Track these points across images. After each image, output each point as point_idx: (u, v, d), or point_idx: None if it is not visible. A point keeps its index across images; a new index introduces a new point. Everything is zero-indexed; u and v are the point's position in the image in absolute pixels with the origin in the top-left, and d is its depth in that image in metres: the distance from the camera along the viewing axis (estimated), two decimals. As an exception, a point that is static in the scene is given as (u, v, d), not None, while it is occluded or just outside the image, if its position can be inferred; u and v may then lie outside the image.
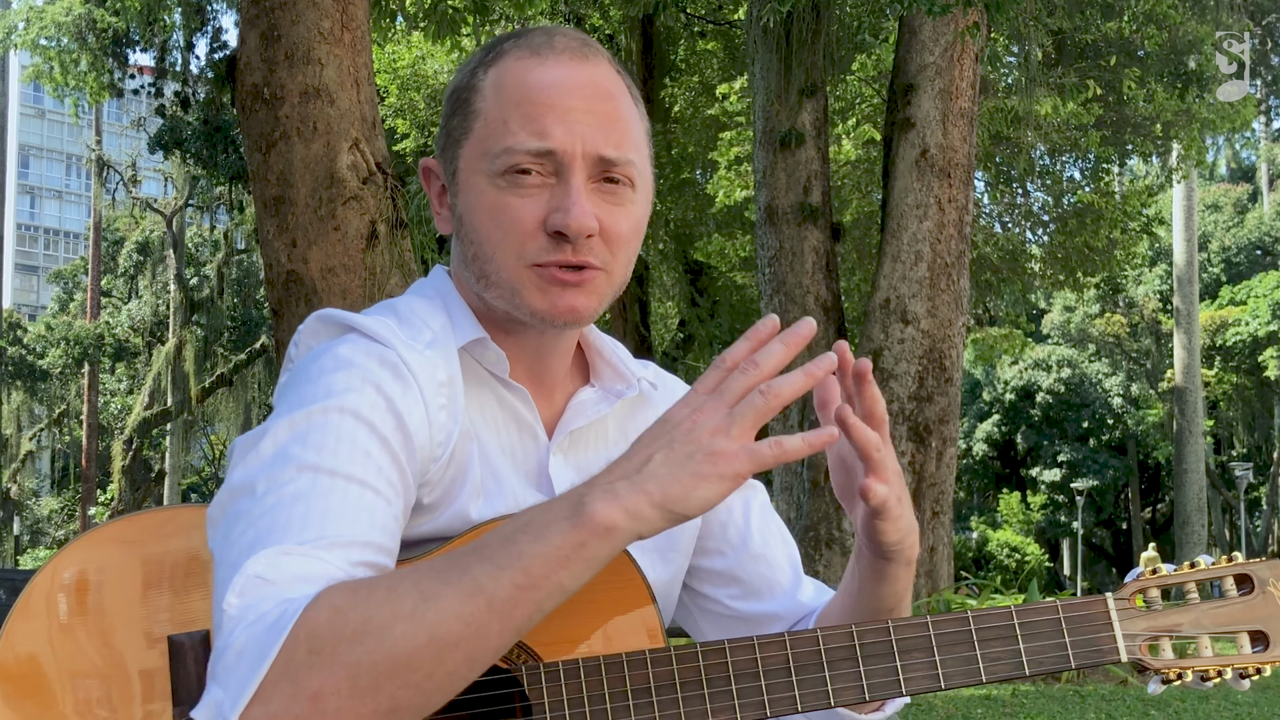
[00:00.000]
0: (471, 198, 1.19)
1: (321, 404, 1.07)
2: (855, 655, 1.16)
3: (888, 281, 10.78)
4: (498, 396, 1.23)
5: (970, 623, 1.19)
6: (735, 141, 15.77)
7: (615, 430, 1.32)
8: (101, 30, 18.54)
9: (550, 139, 1.15)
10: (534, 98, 1.17)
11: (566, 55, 1.20)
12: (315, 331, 1.19)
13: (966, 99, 11.03)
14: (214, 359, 30.16)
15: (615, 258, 1.20)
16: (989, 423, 38.05)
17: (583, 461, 1.28)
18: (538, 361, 1.26)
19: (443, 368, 1.17)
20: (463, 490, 1.17)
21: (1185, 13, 13.70)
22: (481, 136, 1.19)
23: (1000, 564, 30.55)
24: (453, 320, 1.22)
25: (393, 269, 5.09)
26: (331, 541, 0.98)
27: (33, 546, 41.13)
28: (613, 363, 1.32)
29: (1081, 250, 16.88)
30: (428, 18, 11.72)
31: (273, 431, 1.06)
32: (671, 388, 1.40)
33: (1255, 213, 40.42)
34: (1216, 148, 39.95)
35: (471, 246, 1.20)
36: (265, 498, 1.00)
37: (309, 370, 1.12)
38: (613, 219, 1.18)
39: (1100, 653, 1.20)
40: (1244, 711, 7.52)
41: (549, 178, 1.16)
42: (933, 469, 10.68)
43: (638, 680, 1.12)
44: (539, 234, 1.16)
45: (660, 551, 1.29)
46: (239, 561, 0.96)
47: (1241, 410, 35.67)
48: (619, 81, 1.23)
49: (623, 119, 1.20)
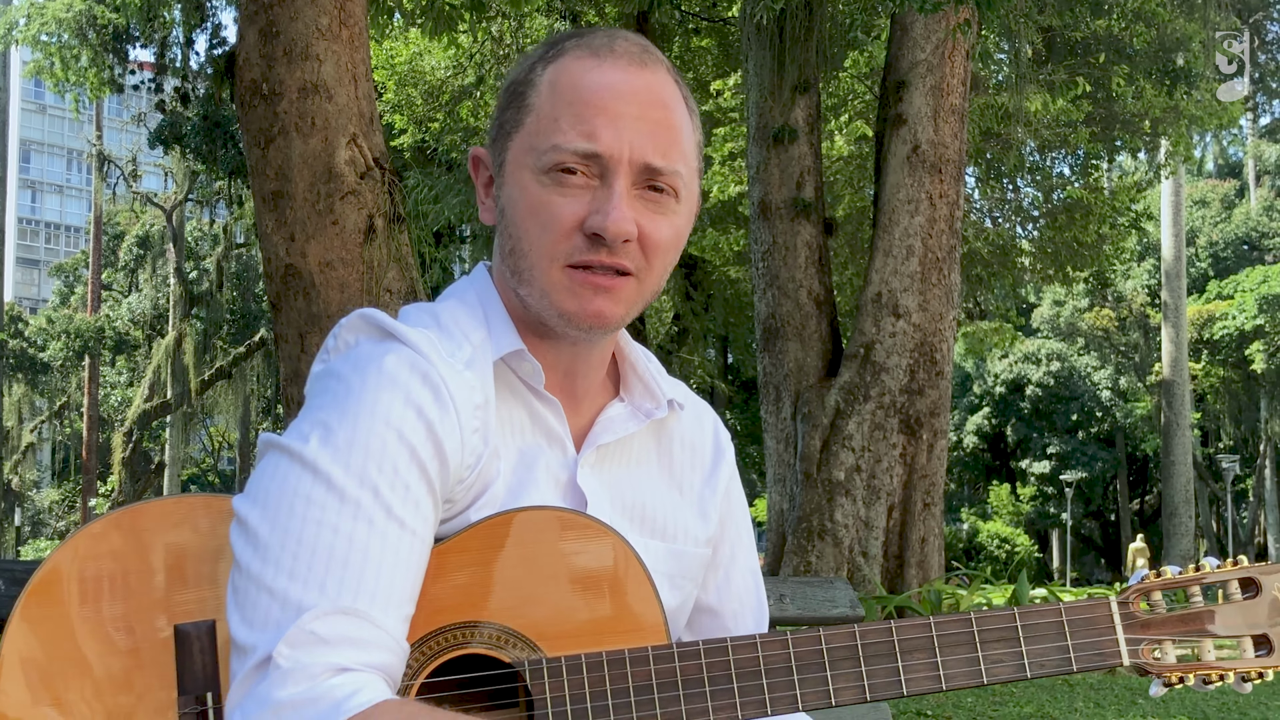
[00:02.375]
0: (515, 192, 1.19)
1: (367, 421, 1.07)
2: (857, 655, 1.15)
3: (879, 276, 10.83)
4: (529, 408, 1.23)
5: (973, 624, 1.17)
6: (729, 137, 15.73)
7: (640, 449, 1.31)
8: (102, 26, 18.52)
9: (598, 141, 1.15)
10: (587, 99, 1.17)
11: (625, 60, 1.19)
12: (356, 328, 1.18)
13: (957, 95, 11.08)
14: (213, 352, 30.15)
15: (650, 266, 1.19)
16: (979, 415, 38.20)
17: (609, 476, 1.27)
18: (571, 372, 1.26)
19: (479, 390, 1.16)
20: (479, 502, 1.17)
21: (1173, 10, 13.70)
22: (532, 131, 1.19)
23: (990, 555, 30.65)
24: (491, 330, 1.21)
25: (390, 263, 5.09)
26: (375, 599, 1.02)
27: (34, 537, 41.25)
28: (644, 378, 1.31)
29: (1071, 245, 16.90)
30: (425, 14, 11.72)
31: (317, 438, 1.07)
32: (697, 411, 1.38)
33: (1242, 208, 40.58)
34: (1204, 144, 40.08)
35: (510, 240, 1.20)
36: (307, 524, 1.03)
37: (351, 378, 1.12)
38: (653, 226, 1.18)
39: (1103, 656, 1.19)
40: (1231, 702, 7.56)
41: (593, 180, 1.16)
42: (924, 461, 10.74)
43: (640, 677, 1.12)
44: (576, 234, 1.16)
45: (670, 577, 1.28)
46: (291, 597, 1.00)
47: (1228, 403, 35.72)
48: (675, 91, 1.22)
49: (674, 128, 1.20)
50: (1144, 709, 7.12)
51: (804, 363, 11.30)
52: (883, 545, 10.67)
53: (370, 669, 1.01)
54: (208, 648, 1.11)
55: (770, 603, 1.97)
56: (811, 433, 10.85)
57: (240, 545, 1.05)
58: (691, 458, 1.35)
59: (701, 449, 1.37)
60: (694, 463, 1.35)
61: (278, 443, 1.08)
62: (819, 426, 10.82)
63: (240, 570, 1.04)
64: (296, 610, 1.00)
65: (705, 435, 1.38)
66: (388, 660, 1.03)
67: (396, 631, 1.04)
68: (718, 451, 1.38)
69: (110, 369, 38.60)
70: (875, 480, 10.66)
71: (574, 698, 1.10)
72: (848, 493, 10.61)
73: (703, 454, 1.36)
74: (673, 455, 1.33)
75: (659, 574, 1.21)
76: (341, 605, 1.00)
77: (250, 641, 1.00)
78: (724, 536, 1.37)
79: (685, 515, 1.31)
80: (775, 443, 11.48)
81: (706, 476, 1.35)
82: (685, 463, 1.34)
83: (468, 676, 1.13)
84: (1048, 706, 7.08)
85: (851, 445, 10.66)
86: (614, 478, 1.27)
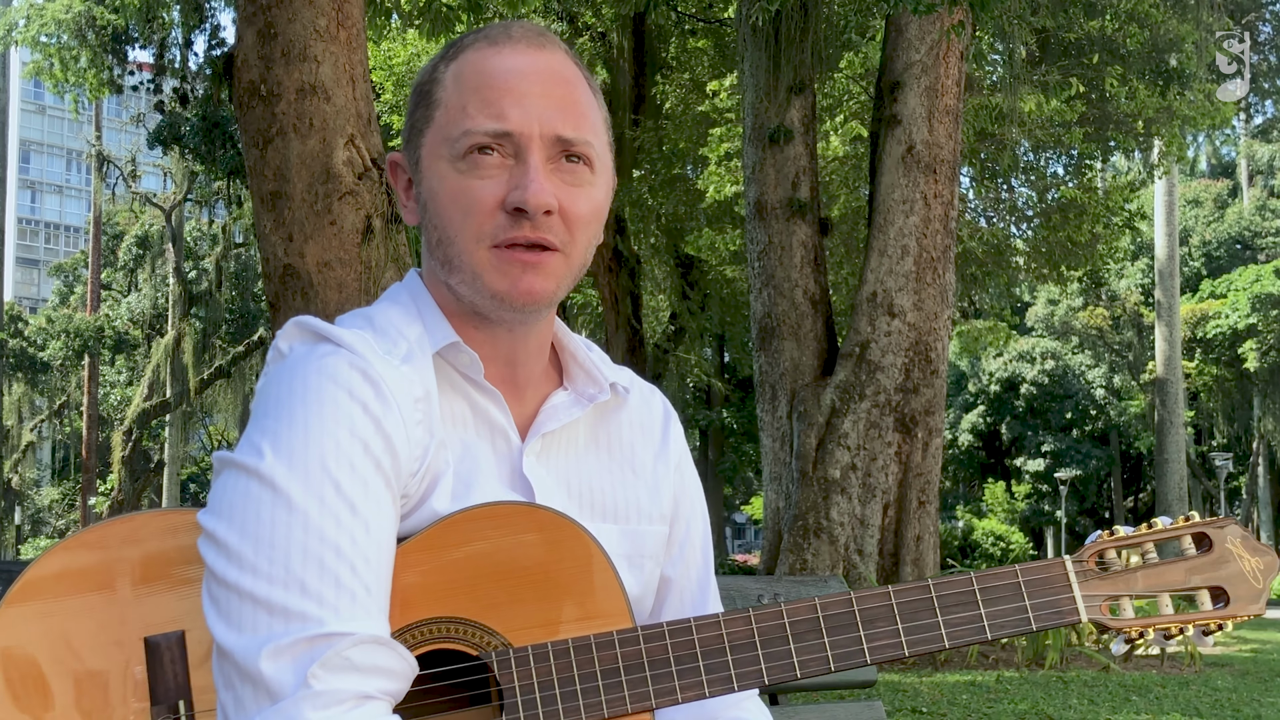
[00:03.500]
0: (434, 184, 1.20)
1: (317, 422, 1.09)
2: (819, 627, 1.17)
3: (875, 275, 10.87)
4: (470, 401, 1.23)
5: (931, 590, 1.19)
6: (725, 137, 15.66)
7: (586, 434, 1.32)
8: (101, 27, 18.54)
9: (507, 120, 1.17)
10: (491, 83, 1.19)
11: (523, 44, 1.22)
12: (291, 335, 1.19)
13: (952, 96, 11.12)
14: (212, 351, 30.18)
15: (574, 239, 1.20)
16: (974, 414, 38.21)
17: (556, 464, 1.28)
18: (511, 361, 1.26)
19: (419, 383, 1.17)
20: (432, 495, 1.17)
21: (1166, 12, 13.73)
22: (442, 124, 1.21)
23: (985, 552, 30.63)
24: (426, 325, 1.22)
25: (388, 263, 5.09)
26: (356, 597, 1.04)
27: (34, 536, 41.27)
28: (585, 366, 1.32)
29: (1065, 244, 16.92)
30: (422, 16, 11.78)
31: (269, 448, 1.07)
32: (644, 393, 1.40)
33: (1235, 208, 40.69)
34: (1197, 144, 39.93)
35: (435, 232, 1.21)
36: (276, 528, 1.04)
37: (294, 383, 1.12)
38: (571, 199, 1.19)
39: (1060, 614, 1.21)
40: (1224, 697, 7.58)
41: (508, 159, 1.18)
42: (919, 459, 10.79)
43: (606, 661, 1.13)
44: (498, 213, 1.17)
45: (629, 558, 1.28)
46: (275, 601, 1.02)
47: (1221, 401, 35.79)
48: (575, 69, 1.24)
49: (579, 103, 1.22)
50: (1137, 705, 7.13)
51: (800, 362, 11.34)
52: (878, 543, 10.71)
53: (388, 697, 1.05)
54: (178, 658, 1.12)
55: (765, 601, 1.94)
56: (807, 431, 10.88)
57: (213, 557, 1.06)
58: (642, 436, 1.36)
59: (650, 427, 1.38)
60: (644, 441, 1.36)
61: (232, 460, 1.09)
62: (815, 425, 10.86)
63: (217, 581, 1.05)
64: (283, 613, 1.02)
65: (654, 414, 1.39)
66: (404, 688, 1.07)
67: (384, 627, 1.06)
68: (666, 426, 1.39)
69: (110, 368, 38.58)
70: (871, 478, 10.69)
71: (542, 685, 1.12)
72: (843, 491, 10.64)
73: (652, 432, 1.38)
74: (622, 437, 1.34)
75: (617, 556, 1.22)
76: (373, 632, 1.03)
77: (240, 646, 1.02)
78: (679, 513, 1.38)
79: (639, 495, 1.33)
80: (771, 441, 11.52)
81: (657, 452, 1.37)
82: (636, 442, 1.35)
83: (437, 670, 1.15)
84: (1042, 703, 7.09)
85: (847, 444, 10.69)
86: (561, 465, 1.28)
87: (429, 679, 1.15)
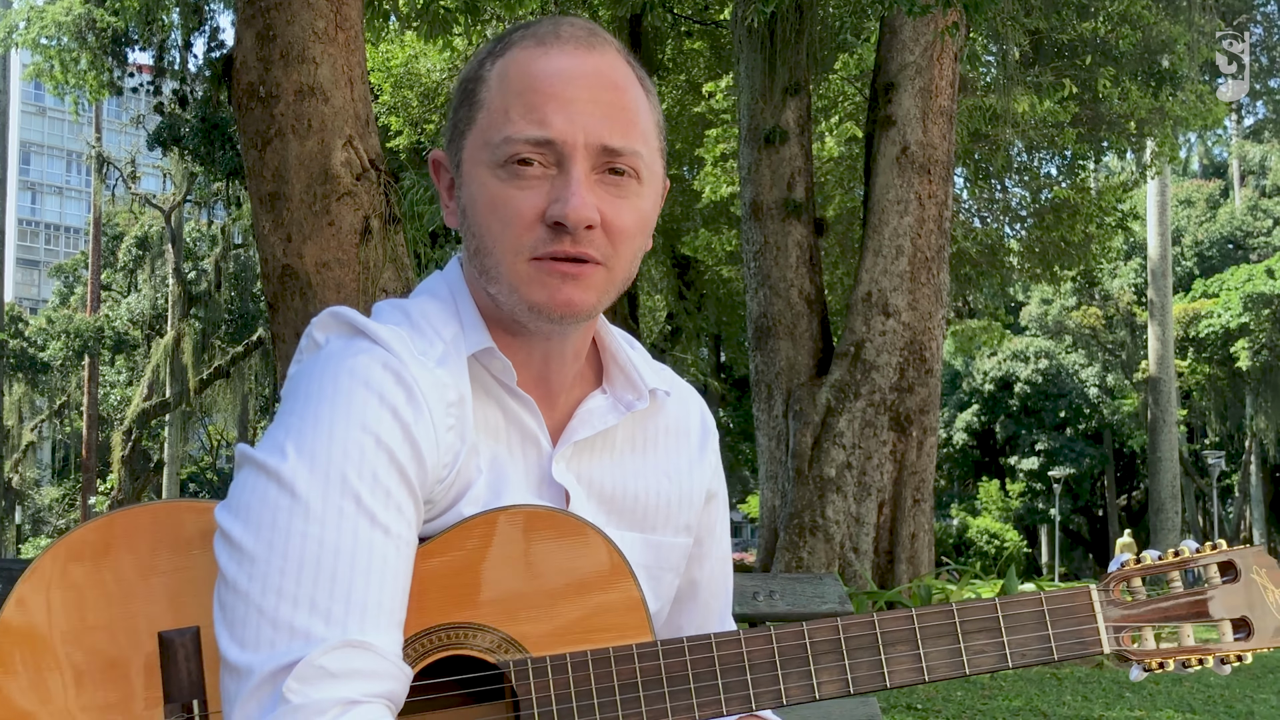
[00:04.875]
0: (474, 190, 1.16)
1: (343, 427, 1.06)
2: (840, 649, 1.15)
3: (869, 275, 10.91)
4: (503, 406, 1.20)
5: (954, 615, 1.17)
6: (721, 138, 15.70)
7: (624, 438, 1.28)
8: (101, 29, 18.56)
9: (550, 128, 1.11)
10: (535, 86, 1.13)
11: (572, 44, 1.16)
12: (326, 326, 1.16)
13: (946, 97, 11.17)
14: (212, 351, 30.20)
15: (617, 252, 1.16)
16: (968, 412, 38.22)
17: (587, 470, 1.25)
18: (545, 367, 1.23)
19: (453, 387, 1.14)
20: (462, 501, 1.15)
21: (1159, 13, 13.79)
22: (484, 126, 1.15)
23: (980, 550, 30.61)
24: (463, 326, 1.19)
25: (386, 263, 5.07)
26: (367, 613, 1.01)
27: (34, 535, 41.28)
28: (625, 369, 1.28)
29: (1058, 244, 16.95)
30: (420, 17, 11.82)
31: (293, 450, 1.05)
32: (683, 396, 1.36)
33: (1227, 208, 40.72)
34: (1189, 145, 40.16)
35: (475, 240, 1.17)
36: (292, 539, 1.02)
37: (324, 380, 1.09)
38: (615, 211, 1.14)
39: (1084, 644, 1.19)
40: (1217, 694, 7.60)
41: (550, 169, 1.12)
42: (913, 458, 10.85)
43: (625, 675, 1.11)
44: (538, 226, 1.12)
45: (647, 569, 1.26)
46: (282, 617, 0.99)
47: (1214, 400, 35.78)
48: (628, 71, 1.18)
49: (629, 109, 1.16)
50: (1131, 702, 7.13)
51: (795, 361, 11.38)
52: (873, 541, 10.75)
53: (377, 699, 1.01)
54: (193, 654, 1.10)
55: (760, 599, 2.04)
56: (803, 430, 10.93)
57: (225, 559, 1.03)
58: (678, 443, 1.33)
59: (688, 434, 1.35)
60: (681, 447, 1.33)
61: (254, 458, 1.06)
62: (810, 424, 10.91)
63: (227, 586, 1.02)
64: (289, 630, 0.99)
65: (693, 420, 1.36)
66: (393, 688, 1.02)
67: (395, 650, 1.03)
68: (704, 434, 1.37)
69: (110, 368, 38.57)
70: (866, 477, 10.73)
71: (559, 698, 1.10)
72: (839, 489, 10.69)
73: (689, 438, 1.34)
74: (658, 442, 1.31)
75: (637, 567, 1.19)
76: (348, 637, 0.99)
77: (244, 662, 0.99)
78: (706, 522, 1.36)
79: (669, 502, 1.30)
80: (767, 440, 11.56)
81: (693, 460, 1.34)
82: (671, 448, 1.32)
83: (454, 679, 1.14)
84: (1036, 700, 7.10)
85: (842, 442, 10.74)
86: (592, 471, 1.25)
87: (447, 686, 1.14)
